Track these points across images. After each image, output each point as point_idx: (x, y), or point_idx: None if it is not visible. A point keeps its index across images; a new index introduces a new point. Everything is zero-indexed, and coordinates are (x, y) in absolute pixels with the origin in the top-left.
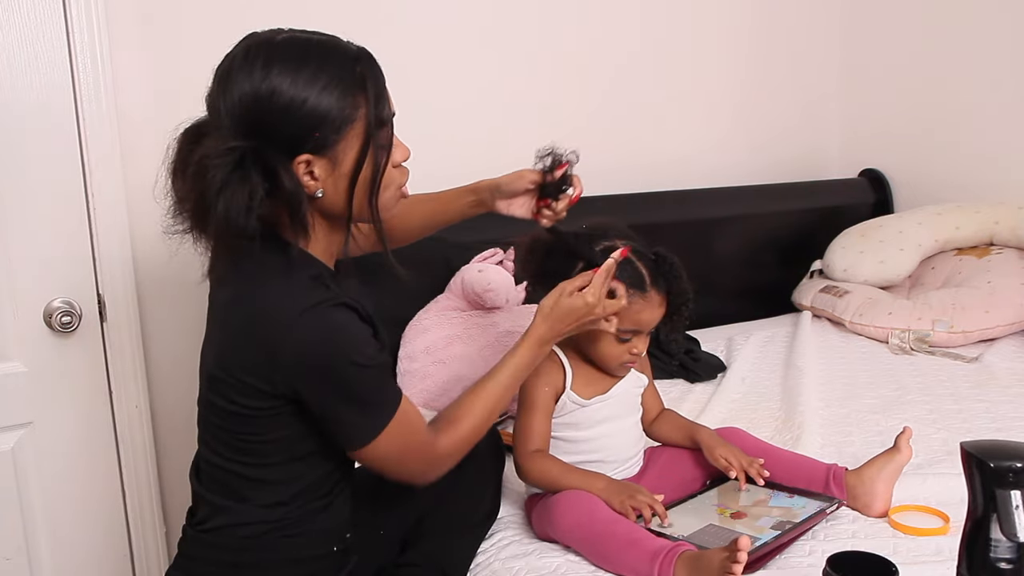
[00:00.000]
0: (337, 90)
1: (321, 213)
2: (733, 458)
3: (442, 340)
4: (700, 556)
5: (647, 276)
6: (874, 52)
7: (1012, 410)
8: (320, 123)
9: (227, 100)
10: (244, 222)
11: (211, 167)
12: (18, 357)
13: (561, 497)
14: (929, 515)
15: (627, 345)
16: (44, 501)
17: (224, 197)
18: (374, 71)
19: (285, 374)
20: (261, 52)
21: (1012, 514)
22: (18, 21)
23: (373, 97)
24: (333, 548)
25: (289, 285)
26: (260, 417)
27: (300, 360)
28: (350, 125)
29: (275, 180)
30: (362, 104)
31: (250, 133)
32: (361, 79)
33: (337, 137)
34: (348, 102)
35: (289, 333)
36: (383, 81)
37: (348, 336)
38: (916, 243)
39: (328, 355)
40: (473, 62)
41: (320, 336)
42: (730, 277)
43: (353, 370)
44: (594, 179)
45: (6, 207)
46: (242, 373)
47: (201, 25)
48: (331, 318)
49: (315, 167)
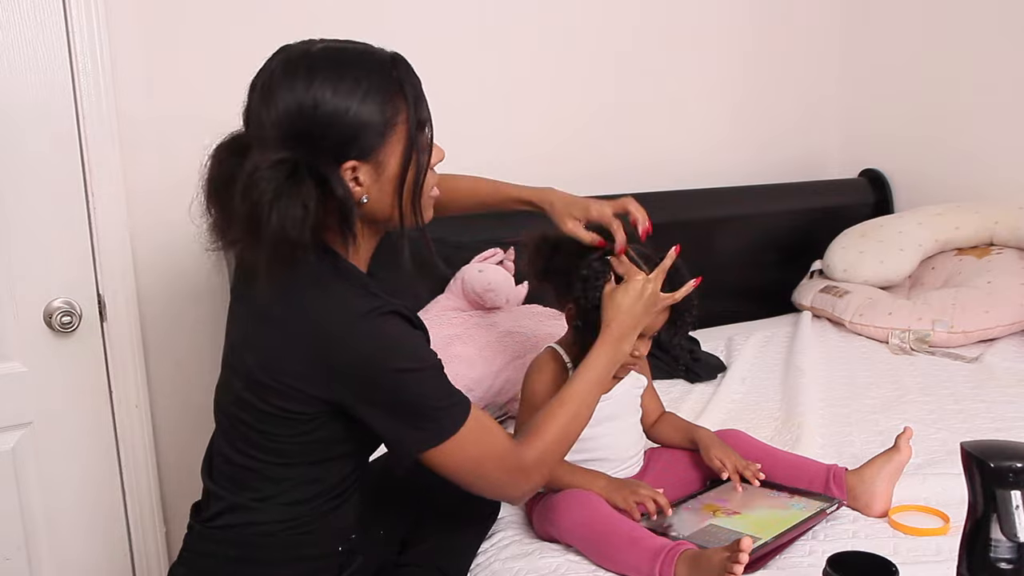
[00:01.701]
0: (379, 96)
1: (364, 219)
2: (728, 460)
3: (442, 340)
4: (701, 555)
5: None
6: (874, 52)
7: (1012, 410)
8: (364, 129)
9: (271, 113)
10: (299, 233)
11: (263, 179)
12: (18, 357)
13: (562, 496)
14: (929, 515)
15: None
16: (44, 501)
17: (278, 209)
18: (410, 74)
19: (342, 383)
20: (301, 64)
21: (1012, 514)
22: (18, 21)
23: (412, 100)
24: (338, 548)
25: (341, 293)
26: (300, 421)
27: (357, 369)
28: (392, 129)
29: (326, 188)
30: (402, 108)
31: (297, 144)
32: (399, 83)
33: (380, 142)
34: (389, 107)
35: (345, 342)
36: (419, 83)
37: (402, 343)
38: (916, 243)
39: (385, 363)
40: (473, 62)
41: (375, 344)
42: (730, 277)
43: (413, 376)
44: (594, 179)
45: (6, 207)
46: (293, 380)
47: (201, 25)
48: (385, 326)
49: (360, 173)
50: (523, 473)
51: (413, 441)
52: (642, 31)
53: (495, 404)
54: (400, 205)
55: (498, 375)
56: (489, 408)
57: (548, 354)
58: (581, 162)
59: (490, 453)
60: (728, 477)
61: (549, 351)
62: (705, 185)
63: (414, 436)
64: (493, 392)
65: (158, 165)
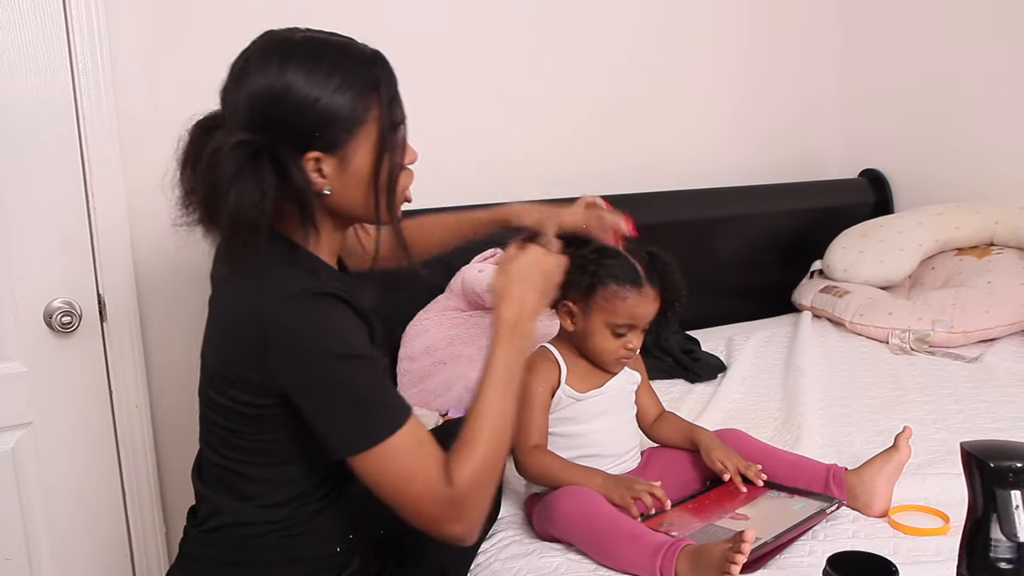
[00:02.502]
0: (351, 90)
1: (328, 212)
2: (729, 461)
3: (442, 340)
4: (701, 549)
5: (642, 271)
6: (874, 52)
7: (1012, 410)
8: (331, 122)
9: (241, 94)
10: (255, 215)
11: (223, 159)
12: (18, 357)
13: (562, 494)
14: (929, 515)
15: (622, 340)
16: (44, 501)
17: (236, 189)
18: (388, 74)
19: (275, 364)
20: (278, 49)
21: (1012, 514)
22: (18, 21)
23: (386, 99)
24: (336, 549)
25: (283, 276)
26: (258, 416)
27: (287, 349)
28: (361, 126)
29: (285, 175)
30: (375, 106)
31: (263, 128)
32: (375, 81)
33: (348, 136)
34: (360, 103)
35: (274, 321)
36: (396, 84)
37: (335, 326)
38: (916, 243)
39: (313, 343)
40: (473, 63)
41: (305, 323)
42: (730, 277)
43: (344, 364)
44: (594, 179)
45: (6, 207)
46: (241, 368)
47: (201, 25)
48: (318, 306)
49: (324, 165)
50: (453, 506)
51: (341, 440)
52: (642, 31)
53: None
54: (376, 203)
55: None
56: None
57: (539, 352)
58: (581, 162)
59: (420, 473)
60: (730, 478)
61: (540, 349)
62: (705, 185)
63: (342, 434)
64: None
65: (158, 165)
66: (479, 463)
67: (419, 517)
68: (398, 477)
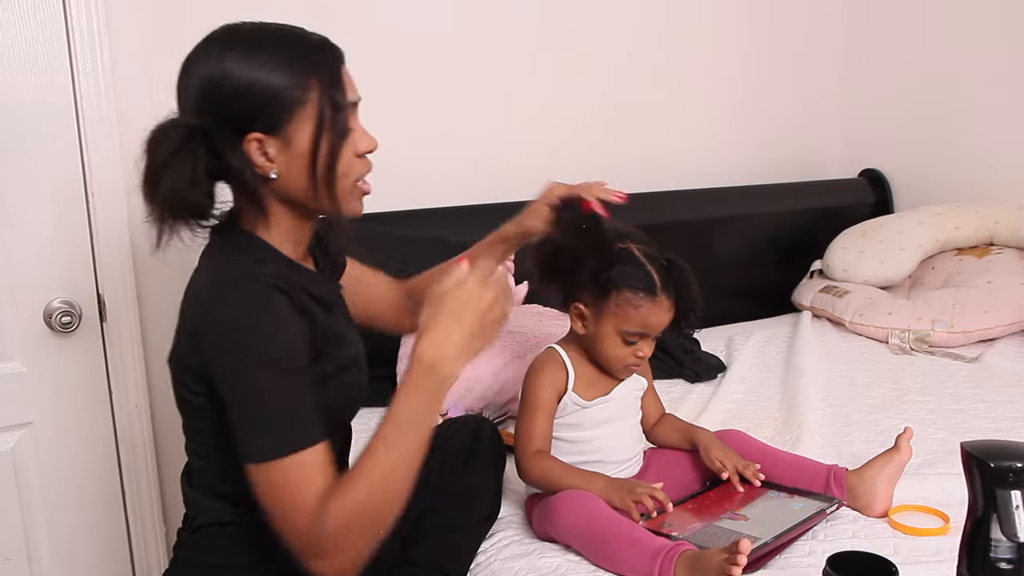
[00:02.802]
0: (288, 71)
1: (280, 198)
2: (728, 460)
3: None
4: (700, 556)
5: (658, 280)
6: (874, 52)
7: (1012, 410)
8: (268, 102)
9: (186, 82)
10: (188, 195)
11: (162, 139)
12: (18, 357)
13: (562, 497)
14: (929, 515)
15: (633, 348)
16: (44, 501)
17: (170, 170)
18: (330, 57)
19: (204, 350)
20: (221, 39)
21: (1012, 514)
22: (18, 21)
23: (327, 81)
24: None
25: (226, 264)
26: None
27: (211, 336)
28: (301, 106)
29: (223, 159)
30: (314, 87)
31: (205, 113)
32: (314, 63)
33: (287, 117)
34: (298, 83)
35: (205, 307)
36: (340, 67)
37: (262, 321)
38: (916, 243)
39: (236, 338)
40: (472, 63)
41: (231, 313)
42: (730, 277)
43: (260, 370)
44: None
45: (6, 207)
46: (185, 354)
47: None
48: (255, 295)
49: (268, 147)
50: (319, 542)
51: (240, 443)
52: (642, 31)
53: (495, 404)
54: (315, 187)
55: (498, 375)
56: (489, 408)
57: (547, 354)
58: (581, 162)
59: (297, 502)
60: (728, 478)
61: (548, 351)
62: (705, 185)
63: (241, 437)
64: (493, 392)
65: None
66: (354, 507)
67: (289, 544)
68: (278, 499)
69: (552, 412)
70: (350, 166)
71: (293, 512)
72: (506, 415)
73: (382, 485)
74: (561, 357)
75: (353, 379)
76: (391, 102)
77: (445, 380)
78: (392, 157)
